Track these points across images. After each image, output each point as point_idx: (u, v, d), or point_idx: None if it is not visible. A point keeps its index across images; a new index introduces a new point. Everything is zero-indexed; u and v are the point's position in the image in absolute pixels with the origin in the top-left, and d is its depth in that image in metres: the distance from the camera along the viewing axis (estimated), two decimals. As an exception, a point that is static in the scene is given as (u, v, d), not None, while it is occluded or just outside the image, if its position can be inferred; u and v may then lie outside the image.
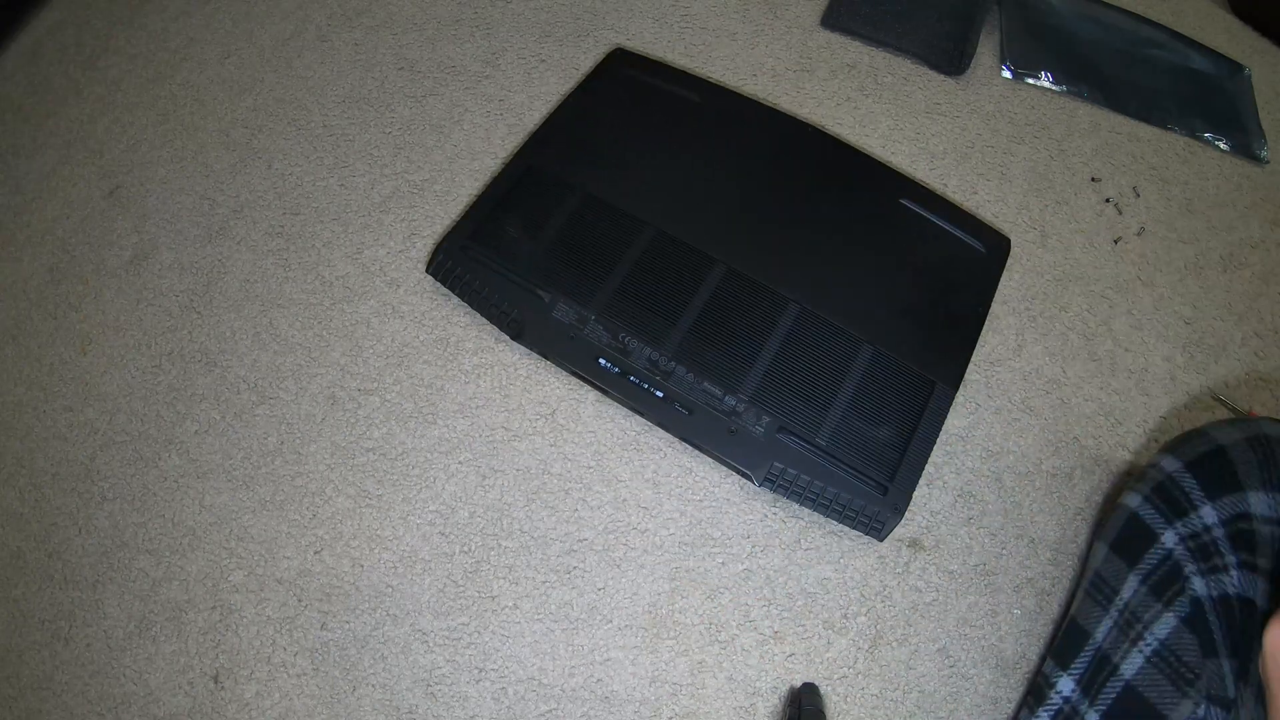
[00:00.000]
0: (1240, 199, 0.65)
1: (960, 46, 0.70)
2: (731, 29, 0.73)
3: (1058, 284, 0.60)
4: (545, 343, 0.55)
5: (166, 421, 0.57)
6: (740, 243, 0.57)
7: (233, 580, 0.52)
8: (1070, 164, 0.66)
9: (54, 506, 0.55)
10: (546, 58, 0.71)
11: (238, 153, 0.68)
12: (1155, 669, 0.39)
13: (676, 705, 0.47)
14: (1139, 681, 0.39)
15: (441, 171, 0.66)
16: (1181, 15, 0.75)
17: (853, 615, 0.49)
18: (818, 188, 0.60)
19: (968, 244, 0.58)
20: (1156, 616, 0.40)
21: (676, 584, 0.50)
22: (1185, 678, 0.38)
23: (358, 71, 0.71)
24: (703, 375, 0.52)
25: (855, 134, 0.67)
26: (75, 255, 0.64)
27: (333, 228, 0.64)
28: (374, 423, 0.56)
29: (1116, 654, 0.40)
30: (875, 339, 0.53)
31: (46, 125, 0.71)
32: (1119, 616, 0.42)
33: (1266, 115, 0.68)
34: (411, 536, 0.52)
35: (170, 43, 0.75)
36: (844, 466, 0.50)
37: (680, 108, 0.64)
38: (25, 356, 0.60)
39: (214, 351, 0.59)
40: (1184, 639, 0.39)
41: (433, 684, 0.48)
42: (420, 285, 0.61)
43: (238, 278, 0.62)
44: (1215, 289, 0.60)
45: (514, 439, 0.55)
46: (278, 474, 0.55)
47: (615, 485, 0.53)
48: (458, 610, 0.50)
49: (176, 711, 0.49)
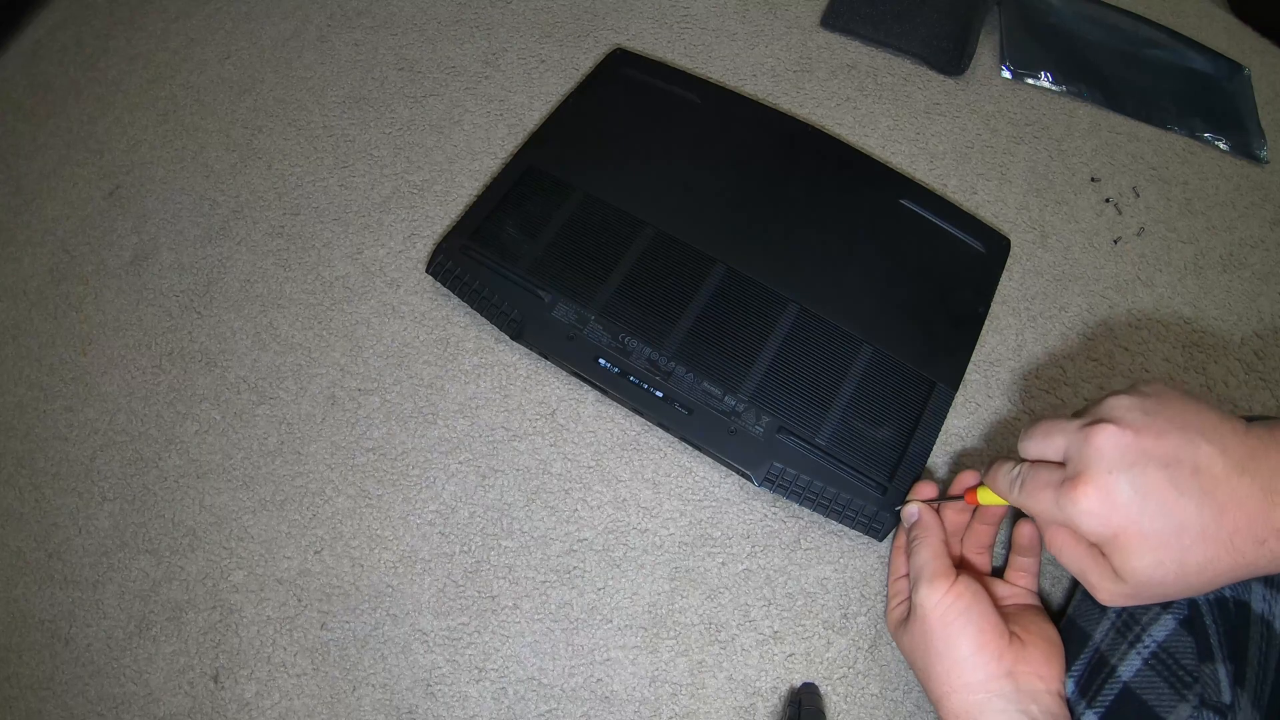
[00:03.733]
0: (1240, 199, 0.65)
1: (960, 46, 0.70)
2: (731, 29, 0.73)
3: (1058, 284, 0.60)
4: (545, 343, 0.55)
5: (166, 421, 0.57)
6: (740, 243, 0.57)
7: (233, 580, 0.52)
8: (1070, 164, 0.66)
9: (54, 506, 0.55)
10: (546, 58, 0.71)
11: (238, 153, 0.68)
12: (1153, 671, 0.39)
13: (676, 705, 0.47)
14: (1137, 683, 0.39)
15: (441, 171, 0.66)
16: (1181, 15, 0.75)
17: (853, 615, 0.49)
18: (817, 188, 0.60)
19: (968, 244, 0.58)
20: (1155, 618, 0.40)
21: (676, 584, 0.50)
22: (1183, 680, 0.38)
23: (358, 71, 0.72)
24: (703, 375, 0.52)
25: (855, 134, 0.67)
26: (75, 255, 0.64)
27: (333, 228, 0.64)
28: (374, 423, 0.56)
29: (1114, 655, 0.40)
30: (875, 339, 0.53)
31: (46, 125, 0.72)
32: (1116, 618, 0.42)
33: (1266, 115, 0.68)
34: (411, 536, 0.52)
35: (170, 43, 0.75)
36: (844, 466, 0.50)
37: (680, 108, 0.64)
38: (25, 356, 0.61)
39: (214, 351, 0.59)
40: (1182, 641, 0.39)
41: (433, 684, 0.48)
42: (420, 285, 0.61)
43: (238, 278, 0.62)
44: (1215, 289, 0.60)
45: (514, 439, 0.55)
46: (278, 474, 0.55)
47: (615, 485, 0.53)
48: (458, 610, 0.50)
49: (176, 711, 0.49)
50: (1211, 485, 0.30)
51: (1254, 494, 0.30)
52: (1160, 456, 0.31)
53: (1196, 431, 0.31)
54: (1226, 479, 0.30)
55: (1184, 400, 0.33)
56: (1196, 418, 0.32)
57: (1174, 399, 0.33)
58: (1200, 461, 0.31)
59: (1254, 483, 0.30)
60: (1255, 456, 0.30)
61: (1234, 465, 0.30)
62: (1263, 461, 0.30)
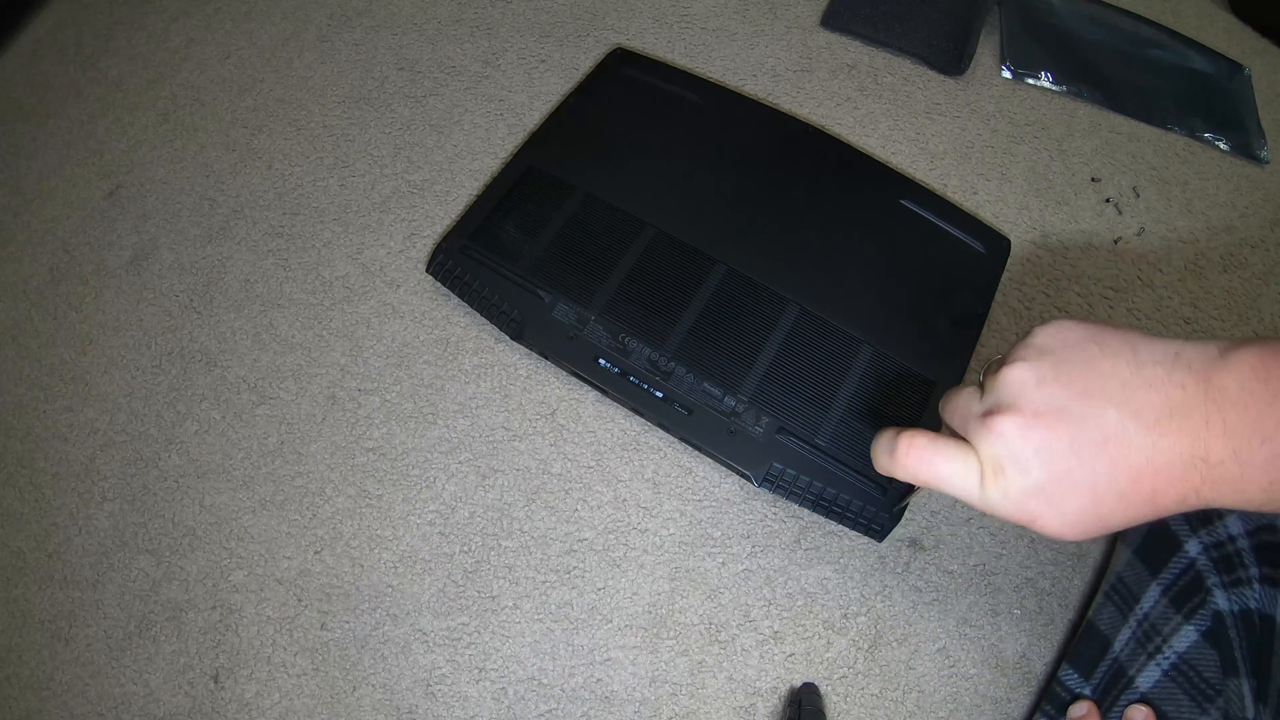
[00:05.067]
0: (1240, 199, 0.65)
1: (960, 46, 0.70)
2: (731, 29, 0.73)
3: (1058, 284, 0.60)
4: (545, 343, 0.55)
5: (166, 421, 0.57)
6: (740, 243, 0.57)
7: (233, 580, 0.52)
8: (1070, 164, 0.66)
9: (54, 506, 0.55)
10: (546, 58, 0.71)
11: (238, 153, 0.68)
12: (1173, 683, 0.39)
13: (676, 705, 0.47)
14: (1155, 695, 0.39)
15: (441, 171, 0.66)
16: (1181, 15, 0.75)
17: (853, 615, 0.49)
18: (818, 188, 0.60)
19: (968, 244, 0.58)
20: (1176, 629, 0.39)
21: (676, 584, 0.50)
22: (1205, 694, 0.37)
23: (358, 71, 0.72)
24: (702, 375, 0.52)
25: (855, 134, 0.67)
26: (75, 255, 0.64)
27: (333, 228, 0.64)
28: (374, 423, 0.56)
29: (1132, 666, 0.40)
30: (875, 339, 0.53)
31: (46, 125, 0.72)
32: (1137, 628, 0.41)
33: (1266, 115, 0.68)
34: (411, 536, 0.52)
35: (170, 43, 0.75)
36: (844, 467, 0.50)
37: (680, 107, 0.64)
38: (25, 356, 0.60)
39: (214, 351, 0.59)
40: (1205, 654, 0.38)
41: (433, 684, 0.48)
42: (420, 285, 0.61)
43: (238, 278, 0.62)
44: (1215, 289, 0.60)
45: (514, 439, 0.55)
46: (278, 474, 0.55)
47: (615, 485, 0.53)
48: (458, 610, 0.50)
49: (176, 711, 0.49)
50: (1123, 453, 0.27)
51: (1173, 458, 0.27)
52: (1065, 435, 0.28)
53: (1103, 396, 0.28)
54: (1140, 444, 0.27)
55: (1087, 350, 0.29)
56: (1102, 376, 0.28)
57: (1076, 352, 0.29)
58: (1109, 430, 0.27)
59: (1173, 445, 0.27)
60: (1175, 414, 0.27)
61: (1148, 426, 0.27)
62: (1183, 420, 0.27)
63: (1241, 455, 0.26)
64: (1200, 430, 0.26)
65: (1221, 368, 0.27)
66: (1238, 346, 0.27)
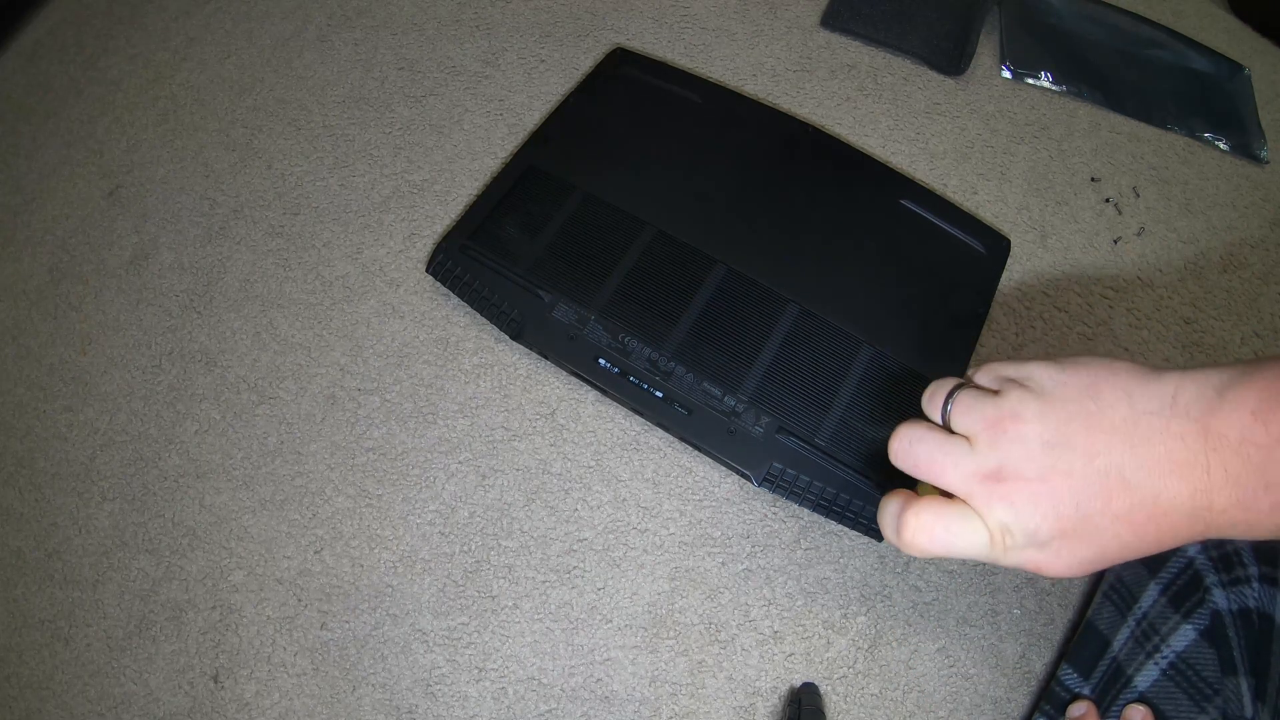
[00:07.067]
0: (1240, 199, 0.65)
1: (960, 46, 0.70)
2: (731, 29, 0.73)
3: (1057, 284, 0.60)
4: (545, 343, 0.55)
5: (166, 421, 0.57)
6: (740, 243, 0.57)
7: (233, 580, 0.52)
8: (1070, 164, 0.66)
9: (54, 506, 0.55)
10: (546, 58, 0.71)
11: (238, 153, 0.68)
12: (1171, 682, 0.39)
13: (676, 705, 0.47)
14: (1153, 694, 0.39)
15: (441, 171, 0.66)
16: (1181, 15, 0.75)
17: (853, 615, 0.49)
18: (817, 188, 0.60)
19: (968, 244, 0.58)
20: (1174, 628, 0.40)
21: (676, 584, 0.50)
22: (1204, 693, 0.38)
23: (358, 71, 0.72)
24: (702, 375, 0.52)
25: (855, 134, 0.67)
26: (75, 255, 0.64)
27: (333, 228, 0.64)
28: (374, 423, 0.56)
29: (1131, 665, 0.40)
30: (875, 339, 0.53)
31: (46, 125, 0.72)
32: (1136, 627, 0.41)
33: (1266, 115, 0.68)
34: (411, 536, 0.52)
35: (170, 43, 0.75)
36: (843, 466, 0.50)
37: (680, 107, 0.64)
38: (25, 356, 0.60)
39: (214, 351, 0.59)
40: (1203, 653, 0.38)
41: (433, 684, 0.48)
42: (420, 285, 0.61)
43: (238, 278, 0.62)
44: (1215, 289, 0.60)
45: (514, 439, 0.55)
46: (278, 474, 0.55)
47: (615, 485, 0.53)
48: (458, 610, 0.50)
49: (176, 711, 0.49)
50: (1127, 508, 0.28)
51: (1177, 508, 0.27)
52: (1070, 498, 0.28)
53: (1105, 455, 0.28)
54: (1143, 500, 0.27)
55: (1085, 406, 0.29)
56: (1104, 432, 0.28)
57: (1073, 406, 0.29)
58: (1112, 487, 0.28)
59: (1176, 497, 0.27)
60: (1177, 467, 0.27)
61: (1150, 479, 0.27)
62: (1186, 472, 0.26)
63: (1246, 502, 0.26)
64: (1202, 480, 0.26)
65: (1220, 412, 0.26)
66: (1236, 383, 0.27)
